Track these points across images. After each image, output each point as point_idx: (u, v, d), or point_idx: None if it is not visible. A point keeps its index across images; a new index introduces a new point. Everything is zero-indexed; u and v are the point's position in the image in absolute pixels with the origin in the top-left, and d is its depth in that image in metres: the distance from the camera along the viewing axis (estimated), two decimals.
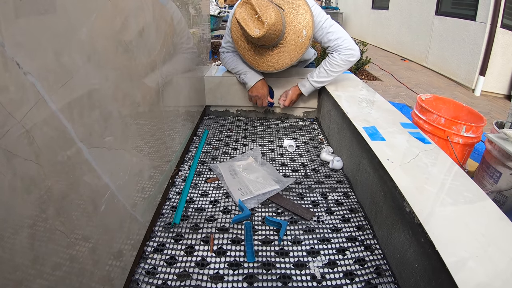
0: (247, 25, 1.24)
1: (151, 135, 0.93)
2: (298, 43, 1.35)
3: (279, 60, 1.39)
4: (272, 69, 1.42)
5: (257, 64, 1.43)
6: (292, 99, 1.63)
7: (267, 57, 1.40)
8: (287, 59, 1.38)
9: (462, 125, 2.00)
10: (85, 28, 0.56)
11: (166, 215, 0.99)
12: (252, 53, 1.42)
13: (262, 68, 1.43)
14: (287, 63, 1.39)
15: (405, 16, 7.28)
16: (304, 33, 1.34)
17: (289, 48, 1.36)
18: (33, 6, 0.43)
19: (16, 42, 0.40)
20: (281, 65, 1.40)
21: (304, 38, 1.34)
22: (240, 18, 1.25)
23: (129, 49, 0.74)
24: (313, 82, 1.54)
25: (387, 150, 0.95)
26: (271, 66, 1.41)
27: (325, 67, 1.49)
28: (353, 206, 1.06)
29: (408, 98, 4.49)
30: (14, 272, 0.41)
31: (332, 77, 1.51)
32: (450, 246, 0.61)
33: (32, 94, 0.43)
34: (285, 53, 1.37)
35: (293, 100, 1.64)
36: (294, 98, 1.63)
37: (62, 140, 0.50)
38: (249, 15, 1.25)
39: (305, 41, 1.35)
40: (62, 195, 0.50)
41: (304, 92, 1.59)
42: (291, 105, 1.67)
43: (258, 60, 1.42)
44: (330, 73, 1.49)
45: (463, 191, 0.77)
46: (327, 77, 1.51)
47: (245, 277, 0.79)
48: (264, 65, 1.42)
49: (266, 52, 1.38)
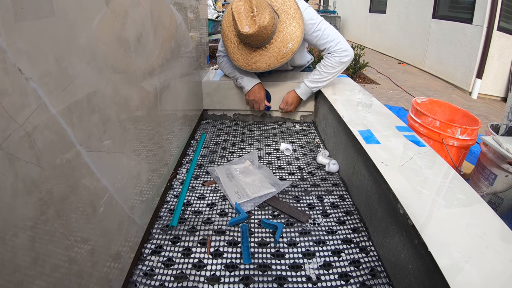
0: (239, 20, 1.26)
1: (149, 139, 0.94)
2: (281, 52, 1.36)
3: (258, 62, 1.39)
4: (248, 68, 1.42)
5: (236, 59, 1.43)
6: (293, 103, 1.66)
7: (248, 55, 1.40)
8: (265, 64, 1.38)
9: (457, 128, 2.02)
10: (84, 33, 0.57)
11: (163, 218, 1.00)
12: (236, 46, 1.42)
13: (239, 64, 1.43)
14: (264, 67, 1.39)
15: (402, 19, 7.34)
16: (289, 45, 1.36)
17: (271, 54, 1.37)
18: (34, 13, 0.44)
19: (18, 49, 0.41)
20: (258, 66, 1.40)
21: (288, 50, 1.36)
22: (235, 11, 1.27)
23: (127, 54, 0.75)
24: (308, 84, 1.56)
25: (382, 153, 0.96)
26: (248, 64, 1.41)
27: (319, 69, 1.53)
28: (349, 208, 1.07)
29: (405, 102, 4.52)
30: (14, 273, 0.42)
31: (326, 78, 1.53)
32: (443, 248, 0.62)
33: (33, 98, 0.44)
34: (265, 57, 1.38)
35: (294, 105, 1.67)
36: (294, 102, 1.66)
37: (62, 143, 0.51)
38: (245, 10, 1.27)
39: (288, 53, 1.37)
40: (62, 197, 0.51)
41: (300, 94, 1.61)
42: (294, 110, 1.70)
43: (238, 55, 1.42)
44: (324, 75, 1.52)
45: (456, 193, 0.79)
46: (321, 79, 1.53)
47: (241, 279, 0.80)
48: (242, 61, 1.42)
49: (249, 50, 1.39)
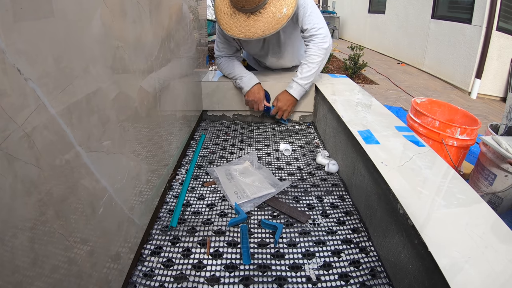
0: None
1: (148, 140, 0.94)
2: (276, 17, 1.34)
3: (252, 28, 1.36)
4: (242, 36, 1.38)
5: (229, 28, 1.40)
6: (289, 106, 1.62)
7: (242, 23, 1.37)
8: (260, 30, 1.35)
9: (457, 128, 2.02)
10: (83, 34, 0.57)
11: (163, 218, 1.00)
12: (229, 16, 1.40)
13: (233, 33, 1.40)
14: (259, 33, 1.36)
15: (401, 20, 7.35)
16: (284, 10, 1.34)
17: (265, 19, 1.34)
18: (33, 13, 0.44)
19: (17, 49, 0.41)
20: (252, 33, 1.37)
21: (283, 15, 1.34)
22: None
23: (126, 54, 0.75)
24: (300, 81, 1.55)
25: (381, 153, 0.96)
26: (242, 32, 1.38)
27: (305, 62, 1.53)
28: (348, 209, 1.07)
29: (405, 102, 4.53)
30: (13, 274, 0.41)
31: (315, 70, 1.52)
32: (443, 248, 0.62)
33: (32, 99, 0.44)
34: (259, 23, 1.35)
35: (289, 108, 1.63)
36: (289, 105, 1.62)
37: (62, 144, 0.51)
38: None
39: (282, 18, 1.34)
40: (61, 198, 0.51)
41: (295, 95, 1.58)
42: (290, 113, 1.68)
43: (231, 25, 1.40)
44: (311, 66, 1.51)
45: (456, 193, 0.78)
46: (310, 71, 1.52)
47: (241, 279, 0.80)
48: (236, 29, 1.39)
49: (243, 17, 1.37)
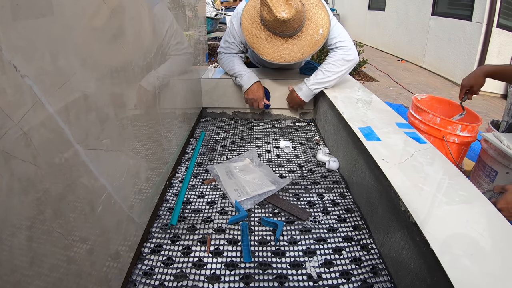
0: (274, 6, 1.23)
1: (148, 137, 0.93)
2: (314, 39, 1.35)
3: (291, 52, 1.36)
4: (282, 60, 1.38)
5: (266, 53, 1.39)
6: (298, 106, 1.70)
7: (280, 47, 1.37)
8: (299, 53, 1.36)
9: (458, 124, 2.02)
10: (81, 31, 0.57)
11: (163, 216, 1.00)
12: (263, 41, 1.38)
13: (271, 58, 1.38)
14: (298, 56, 1.36)
15: (401, 17, 7.32)
16: (320, 31, 1.35)
17: (304, 42, 1.35)
18: (30, 10, 0.44)
19: (14, 46, 0.40)
20: (292, 57, 1.37)
21: (320, 36, 1.36)
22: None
23: (125, 51, 0.75)
24: (310, 85, 1.54)
25: (383, 150, 0.96)
26: (281, 57, 1.37)
27: (322, 68, 1.51)
28: (349, 206, 1.07)
29: (405, 99, 4.51)
30: (12, 273, 0.41)
31: (330, 79, 1.50)
32: (445, 245, 0.61)
33: (29, 96, 0.43)
34: (298, 46, 1.36)
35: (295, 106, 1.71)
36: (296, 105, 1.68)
37: (59, 142, 0.50)
38: None
39: (319, 39, 1.36)
40: (60, 196, 0.50)
41: (302, 97, 1.58)
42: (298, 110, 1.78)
43: (268, 49, 1.38)
44: (327, 74, 1.49)
45: (457, 190, 0.78)
46: (324, 79, 1.50)
47: (242, 277, 0.79)
48: (275, 54, 1.38)
49: (280, 41, 1.36)
